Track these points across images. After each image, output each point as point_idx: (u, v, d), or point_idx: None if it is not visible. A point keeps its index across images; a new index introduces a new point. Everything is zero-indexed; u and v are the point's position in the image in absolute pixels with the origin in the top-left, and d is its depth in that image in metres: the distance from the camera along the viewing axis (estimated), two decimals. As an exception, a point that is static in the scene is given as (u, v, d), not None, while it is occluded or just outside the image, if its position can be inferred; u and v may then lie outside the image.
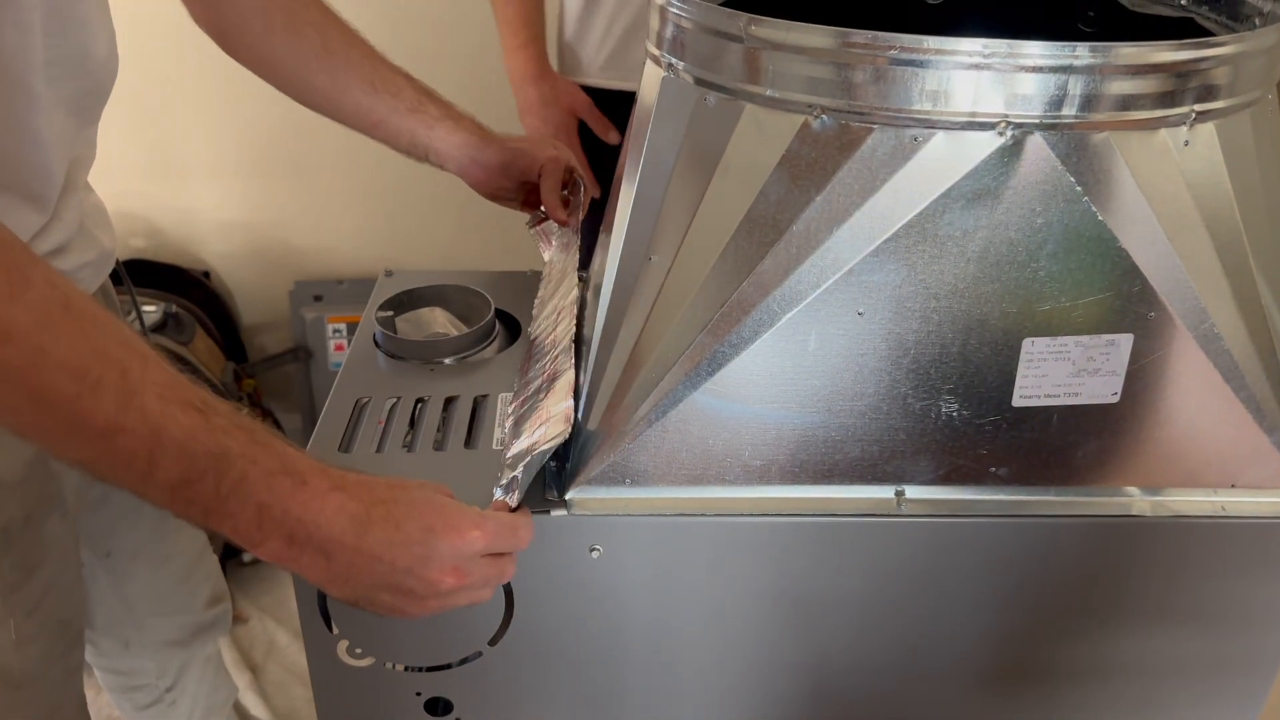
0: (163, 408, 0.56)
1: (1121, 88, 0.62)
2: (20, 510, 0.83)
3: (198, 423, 0.57)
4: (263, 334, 2.21)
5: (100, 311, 0.57)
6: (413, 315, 1.00)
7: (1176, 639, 0.80)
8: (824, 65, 0.64)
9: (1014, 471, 0.74)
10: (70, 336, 0.55)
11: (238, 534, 0.59)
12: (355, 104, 1.00)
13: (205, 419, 0.57)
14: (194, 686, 1.27)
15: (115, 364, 0.56)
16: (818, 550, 0.76)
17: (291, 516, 0.59)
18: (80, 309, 0.56)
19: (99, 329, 0.56)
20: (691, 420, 0.72)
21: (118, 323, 0.57)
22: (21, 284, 0.53)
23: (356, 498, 0.61)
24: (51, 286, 0.55)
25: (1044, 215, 0.65)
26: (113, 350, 0.56)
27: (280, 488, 0.59)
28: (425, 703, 0.82)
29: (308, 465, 0.61)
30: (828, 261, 0.67)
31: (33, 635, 0.86)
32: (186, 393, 0.58)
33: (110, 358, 0.56)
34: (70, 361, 0.54)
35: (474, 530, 0.63)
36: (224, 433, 0.58)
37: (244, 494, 0.58)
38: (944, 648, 0.80)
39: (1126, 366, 0.70)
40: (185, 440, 0.57)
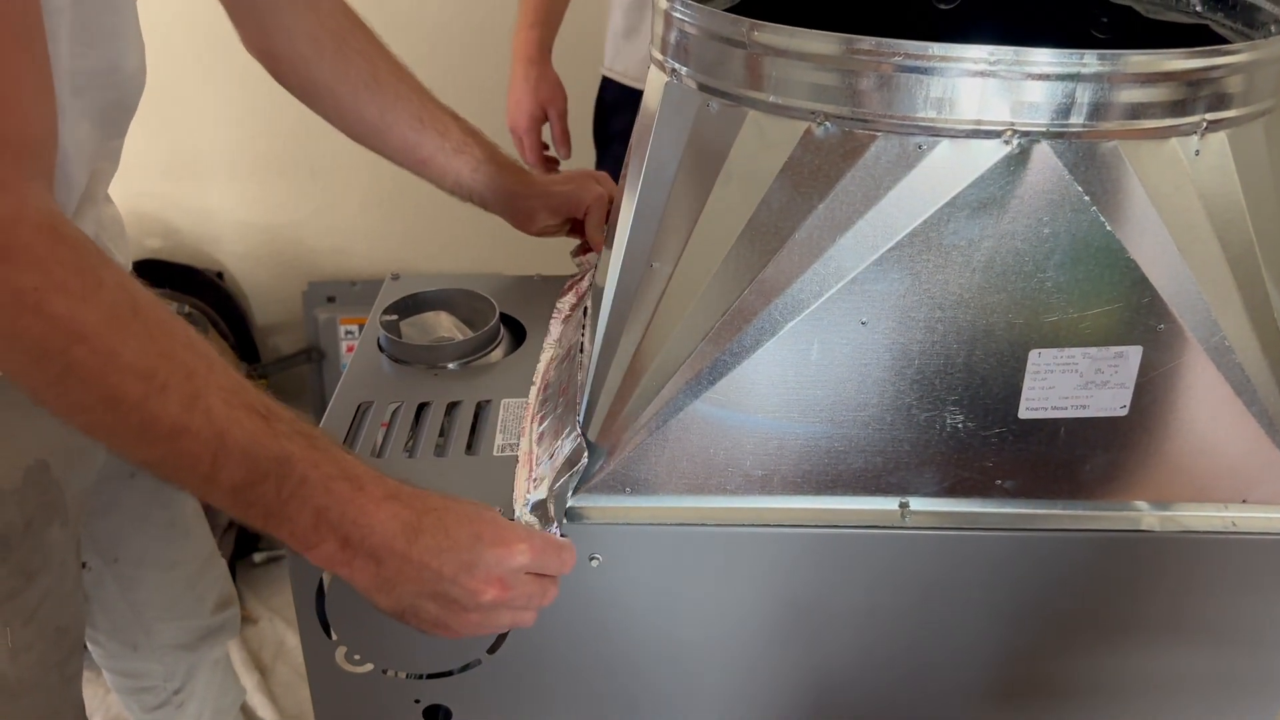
0: (227, 411, 0.58)
1: (1131, 96, 0.61)
2: (20, 517, 0.82)
3: (260, 427, 0.59)
4: (276, 335, 2.21)
5: (166, 314, 0.59)
6: (418, 319, 1.00)
7: (1185, 656, 0.78)
8: (828, 71, 0.63)
9: (1020, 484, 0.73)
10: (139, 339, 0.56)
11: (294, 537, 0.61)
12: (403, 139, 1.00)
13: (268, 424, 0.59)
14: (202, 689, 1.27)
15: (181, 367, 0.57)
16: (820, 562, 0.75)
17: (348, 520, 0.60)
18: (148, 311, 0.57)
19: (166, 332, 0.58)
20: (693, 429, 0.72)
21: (184, 325, 0.59)
22: (94, 284, 0.55)
23: (410, 506, 0.62)
24: (121, 288, 0.57)
25: (1051, 225, 0.64)
26: (179, 353, 0.58)
27: (338, 492, 0.60)
28: (424, 710, 0.82)
29: (365, 472, 0.62)
30: (830, 270, 0.66)
31: (29, 643, 0.86)
32: (249, 397, 0.59)
33: (177, 360, 0.57)
34: (139, 364, 0.56)
35: (520, 543, 0.64)
36: (285, 438, 0.59)
37: (303, 497, 0.59)
38: (948, 662, 0.79)
39: (1135, 379, 0.69)
40: (248, 444, 0.58)
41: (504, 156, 1.05)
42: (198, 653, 1.24)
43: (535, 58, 1.54)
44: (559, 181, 1.06)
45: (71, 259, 0.56)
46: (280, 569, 1.95)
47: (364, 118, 0.99)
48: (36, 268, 0.54)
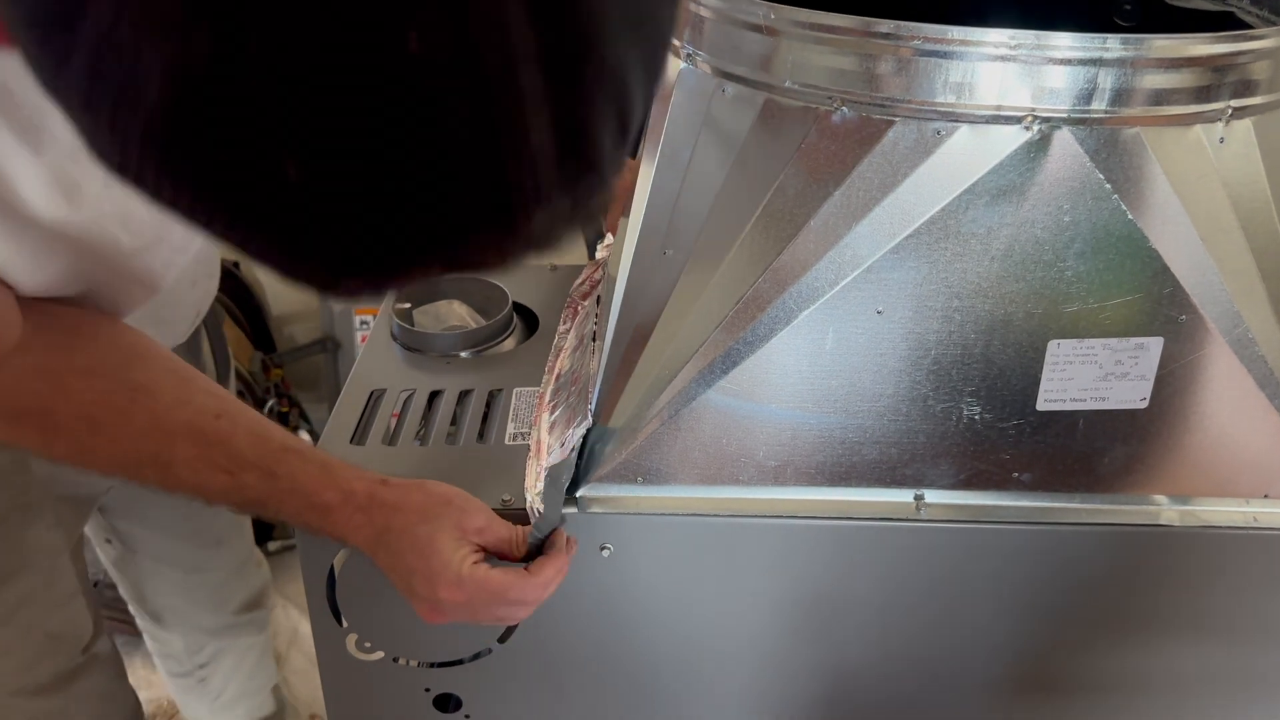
0: (195, 478, 0.66)
1: (1154, 82, 0.60)
2: None
3: (227, 483, 0.66)
4: (291, 324, 2.21)
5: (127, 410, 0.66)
6: (431, 307, 1.00)
7: (1204, 653, 0.77)
8: (845, 56, 0.62)
9: (1037, 477, 0.72)
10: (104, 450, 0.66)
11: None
12: None
13: (233, 478, 0.66)
14: (228, 669, 1.27)
15: (148, 456, 0.66)
16: (833, 554, 0.75)
17: (326, 533, 0.68)
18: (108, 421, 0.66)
19: (128, 431, 0.66)
20: (705, 419, 0.71)
21: (143, 409, 0.66)
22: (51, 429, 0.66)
23: (371, 522, 0.67)
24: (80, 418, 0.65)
25: (1071, 213, 0.63)
26: (142, 445, 0.66)
27: (311, 520, 0.68)
28: (434, 699, 0.82)
29: (332, 496, 0.67)
30: (846, 258, 0.65)
31: (9, 647, 0.85)
32: (213, 456, 0.66)
33: (143, 454, 0.66)
34: (110, 465, 0.67)
35: (445, 588, 0.67)
36: (251, 488, 0.67)
37: (287, 518, 0.68)
38: (962, 656, 0.78)
39: (1156, 371, 0.68)
40: (223, 495, 0.67)
41: None
42: (222, 639, 1.24)
43: None
44: None
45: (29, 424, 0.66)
46: (294, 558, 1.95)
47: None
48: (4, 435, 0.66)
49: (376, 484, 0.68)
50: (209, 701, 1.28)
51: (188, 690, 1.28)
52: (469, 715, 0.82)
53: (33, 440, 0.67)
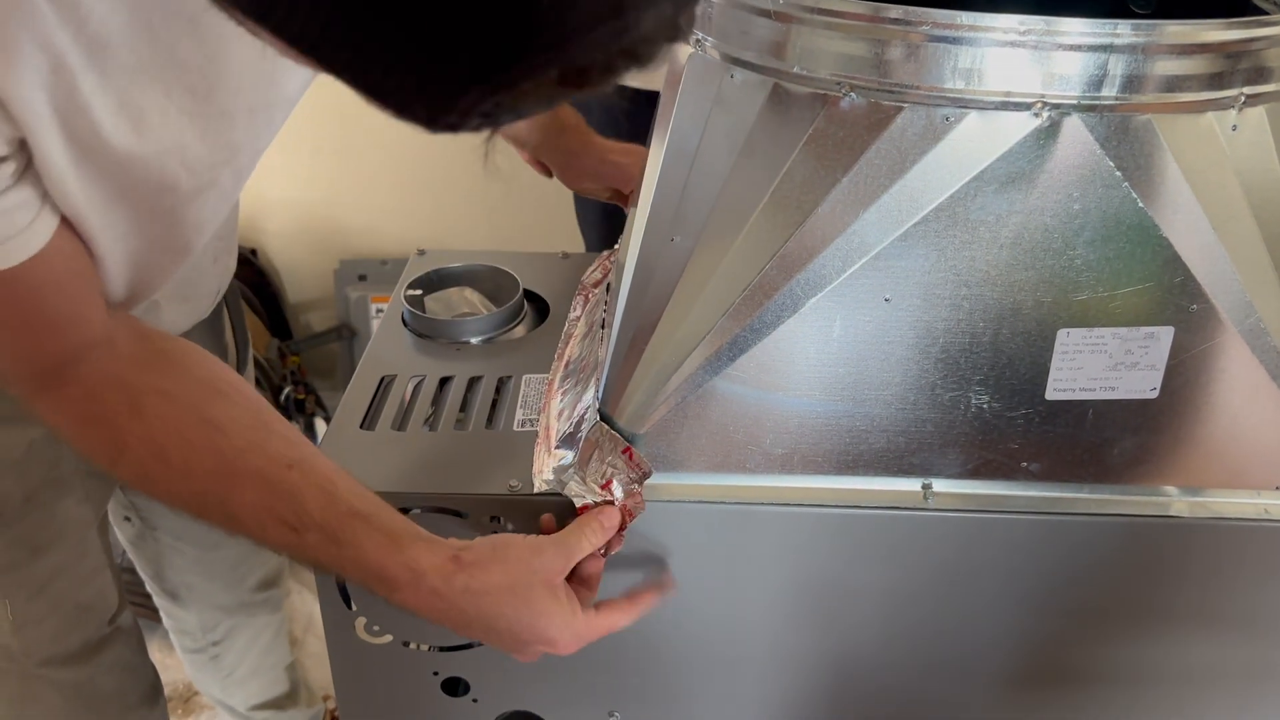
0: (259, 529, 0.66)
1: (1166, 68, 0.59)
2: (19, 490, 0.83)
3: (291, 539, 0.66)
4: (308, 312, 2.22)
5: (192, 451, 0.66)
6: (442, 294, 1.00)
7: (1213, 645, 0.77)
8: (854, 41, 0.62)
9: (1046, 467, 0.72)
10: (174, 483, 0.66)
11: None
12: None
13: (298, 536, 0.65)
14: (242, 647, 1.29)
15: (214, 497, 0.66)
16: (840, 542, 0.75)
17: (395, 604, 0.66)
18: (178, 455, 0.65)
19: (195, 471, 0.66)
20: (712, 406, 0.71)
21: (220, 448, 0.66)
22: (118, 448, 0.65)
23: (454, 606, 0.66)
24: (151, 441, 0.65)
25: (1081, 201, 0.63)
26: (211, 488, 0.66)
27: (377, 590, 0.67)
28: (442, 682, 0.82)
29: (399, 573, 0.65)
30: (854, 245, 0.65)
31: (41, 617, 0.87)
32: (280, 510, 0.65)
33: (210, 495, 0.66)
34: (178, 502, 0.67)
35: (563, 645, 0.68)
36: (314, 549, 0.66)
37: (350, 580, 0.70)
38: (970, 646, 0.78)
39: (1166, 361, 0.67)
40: (285, 549, 0.67)
41: (568, 115, 1.07)
42: (237, 617, 1.26)
43: None
44: (617, 151, 1.07)
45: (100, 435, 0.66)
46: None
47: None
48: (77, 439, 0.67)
49: (448, 562, 0.66)
50: (221, 678, 1.30)
51: (201, 666, 1.29)
52: (476, 699, 0.82)
53: (102, 451, 0.67)
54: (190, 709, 1.65)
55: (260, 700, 1.34)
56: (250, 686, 1.33)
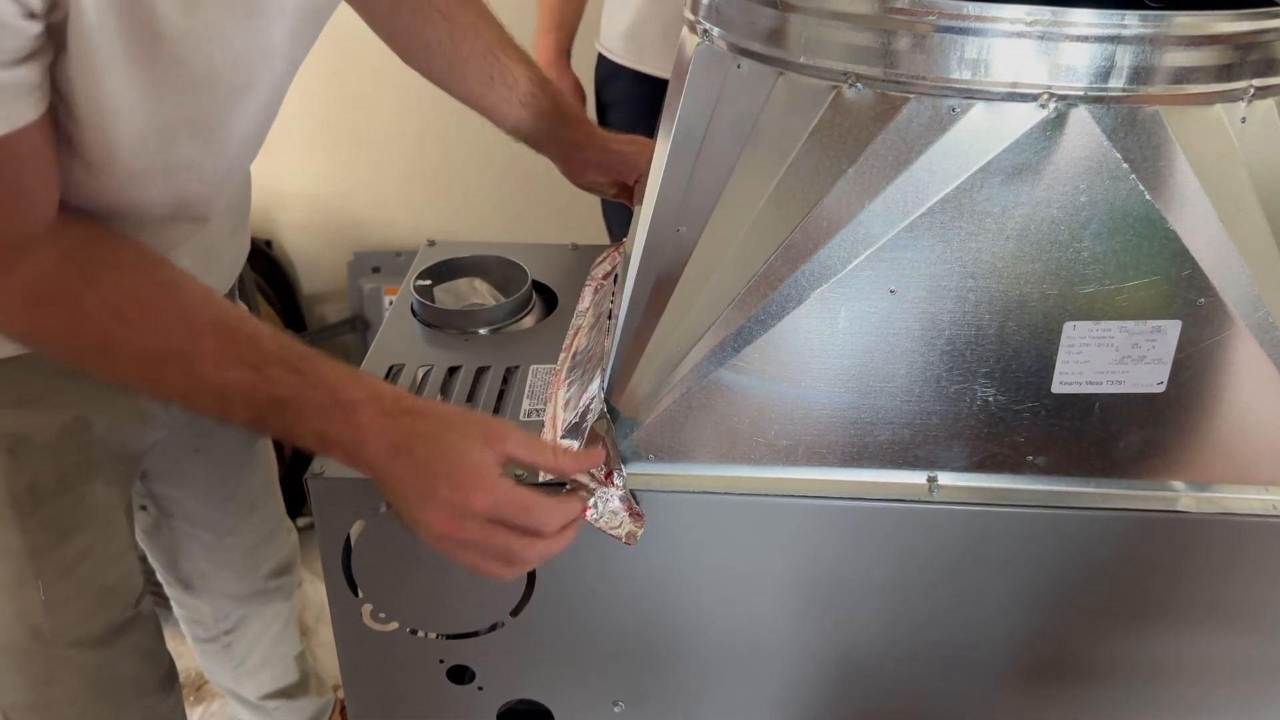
0: (219, 374, 0.67)
1: (1174, 59, 0.59)
2: (51, 471, 0.84)
3: (251, 379, 0.67)
4: (322, 303, 2.23)
5: (155, 300, 0.68)
6: (451, 285, 1.00)
7: (1220, 642, 0.76)
8: (859, 31, 0.62)
9: (1052, 461, 0.72)
10: (127, 345, 0.68)
11: (308, 447, 0.69)
12: (469, 91, 1.03)
13: (259, 373, 0.67)
14: (253, 636, 1.29)
15: (173, 351, 0.67)
16: (845, 534, 0.75)
17: (344, 438, 0.67)
18: (134, 312, 0.67)
19: (153, 324, 0.68)
20: (716, 397, 0.71)
21: (172, 304, 0.69)
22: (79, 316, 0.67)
23: (397, 425, 0.67)
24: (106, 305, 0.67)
25: (1088, 193, 0.62)
26: (166, 336, 0.68)
27: (333, 418, 0.67)
28: (448, 670, 0.82)
29: (359, 394, 0.68)
30: (859, 236, 0.65)
31: (69, 599, 0.88)
32: (240, 352, 0.67)
33: (169, 349, 0.68)
34: (133, 364, 0.68)
35: (474, 492, 0.65)
36: (276, 383, 0.67)
37: (304, 424, 0.67)
38: (974, 640, 0.78)
39: (1174, 355, 0.67)
40: (245, 395, 0.67)
41: (569, 107, 1.06)
42: (249, 606, 1.27)
43: (554, 62, 1.60)
44: (619, 141, 1.06)
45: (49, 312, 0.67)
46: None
47: (433, 69, 1.02)
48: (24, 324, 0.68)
49: (404, 392, 0.70)
50: (232, 667, 1.31)
51: (212, 656, 1.30)
52: (481, 687, 0.83)
53: (57, 327, 0.68)
54: (201, 697, 1.66)
55: (271, 689, 1.35)
56: (262, 676, 1.33)
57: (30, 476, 0.83)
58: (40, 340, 0.70)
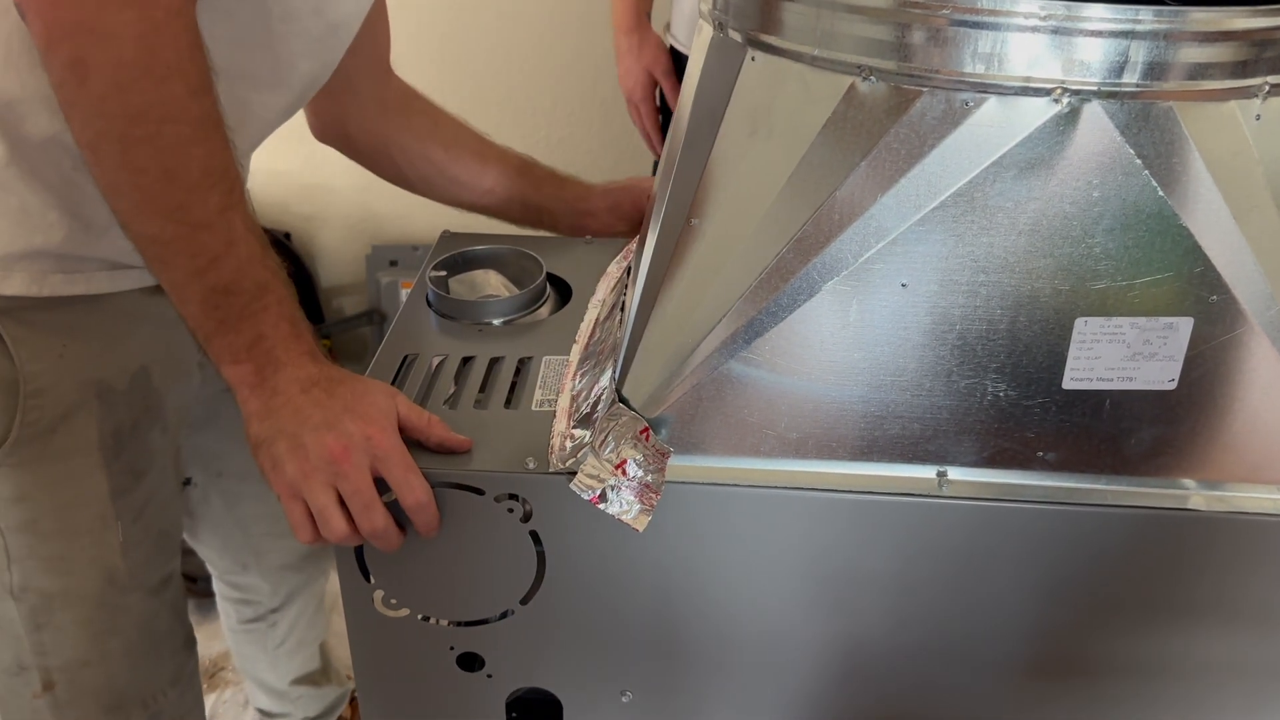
0: (244, 229, 0.72)
1: (1188, 55, 0.59)
2: (128, 417, 0.89)
3: (260, 253, 0.73)
4: (340, 296, 2.25)
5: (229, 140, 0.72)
6: (466, 276, 1.01)
7: (1230, 642, 0.76)
8: (873, 24, 0.62)
9: (1062, 457, 0.72)
10: (217, 144, 0.70)
11: (229, 349, 0.72)
12: (467, 170, 1.07)
13: (265, 253, 0.73)
14: (294, 614, 1.32)
15: (229, 180, 0.71)
16: (854, 528, 0.75)
17: (273, 354, 0.72)
18: (223, 131, 0.71)
19: (227, 150, 0.71)
20: (727, 389, 0.71)
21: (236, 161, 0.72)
22: (207, 85, 0.69)
23: (320, 368, 0.74)
24: (216, 104, 0.70)
25: (1101, 188, 0.62)
26: (231, 171, 0.71)
27: (282, 330, 0.73)
28: (458, 657, 0.83)
29: (306, 328, 0.75)
30: (871, 229, 0.65)
31: (139, 541, 0.92)
32: (259, 230, 0.74)
33: (229, 174, 0.71)
34: (207, 161, 0.70)
35: (376, 430, 0.71)
36: (269, 272, 0.73)
37: (257, 320, 0.72)
38: (982, 635, 0.78)
39: (1185, 352, 0.67)
40: (247, 259, 0.72)
41: (562, 175, 1.11)
42: (304, 573, 1.29)
43: (634, 26, 1.63)
44: (614, 183, 1.11)
45: (201, 60, 0.69)
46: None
47: (431, 158, 1.07)
48: (181, 49, 0.67)
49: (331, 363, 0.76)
50: (271, 649, 1.32)
51: (255, 638, 1.32)
52: (491, 675, 0.83)
53: (194, 78, 0.68)
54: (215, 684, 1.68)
55: (299, 674, 1.37)
56: (295, 659, 1.35)
57: (115, 421, 0.87)
58: (173, 74, 0.67)
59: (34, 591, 0.87)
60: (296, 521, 0.72)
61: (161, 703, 0.98)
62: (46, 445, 0.84)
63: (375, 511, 0.72)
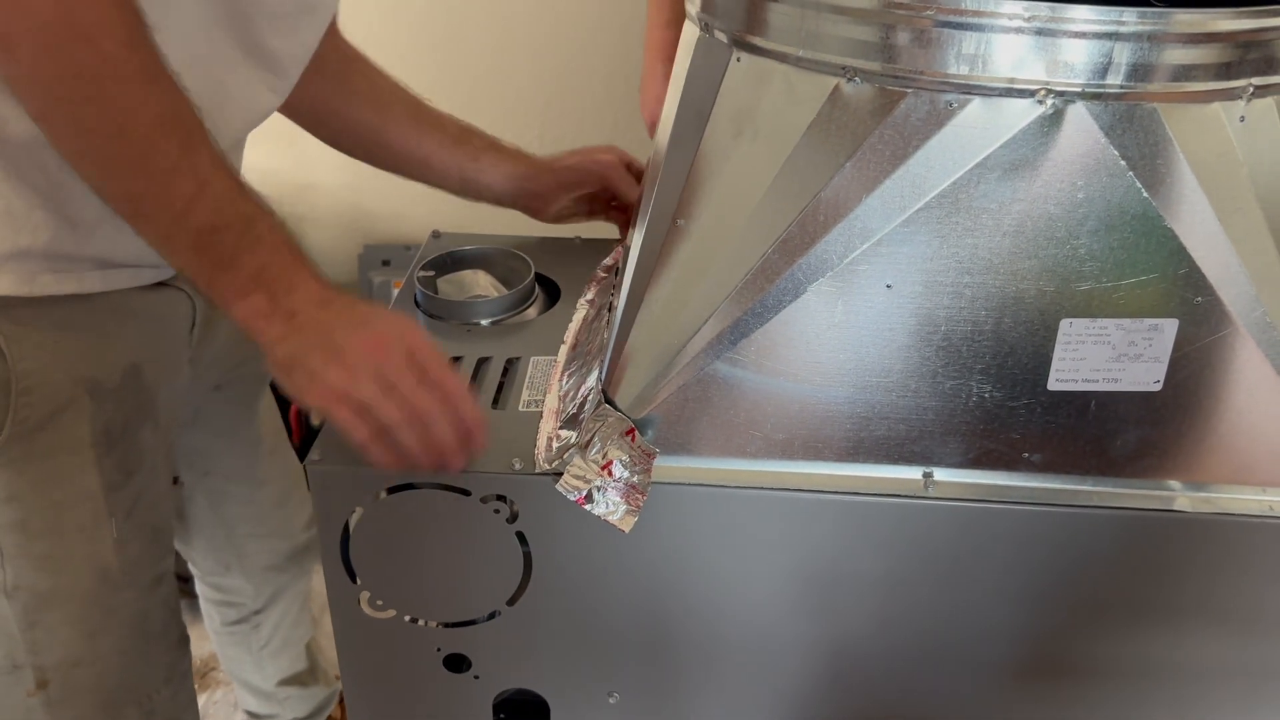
0: (211, 168, 0.70)
1: (1172, 57, 0.59)
2: (119, 414, 0.88)
3: (235, 188, 0.71)
4: (332, 296, 2.24)
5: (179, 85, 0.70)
6: (455, 276, 1.01)
7: (1216, 643, 0.76)
8: (858, 25, 0.62)
9: (1048, 458, 0.72)
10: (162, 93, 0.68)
11: (233, 287, 0.71)
12: (402, 139, 1.03)
13: (240, 188, 0.71)
14: (279, 615, 1.31)
15: (185, 124, 0.69)
16: (840, 529, 0.75)
17: (282, 280, 0.70)
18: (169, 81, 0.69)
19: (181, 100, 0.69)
20: (713, 390, 0.71)
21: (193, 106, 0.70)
22: (139, 38, 0.67)
23: (335, 291, 0.73)
24: (154, 53, 0.68)
25: (1085, 190, 0.62)
26: (185, 114, 0.70)
27: (282, 256, 0.71)
28: (445, 658, 0.83)
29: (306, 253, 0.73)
30: (856, 230, 0.65)
31: (130, 537, 0.91)
32: (229, 167, 0.71)
33: (182, 119, 0.69)
34: (156, 110, 0.68)
35: (406, 327, 0.72)
36: (253, 203, 0.71)
37: (253, 251, 0.70)
38: (968, 637, 0.78)
39: (1170, 353, 0.67)
40: (223, 195, 0.70)
41: (506, 146, 1.05)
42: (287, 574, 1.28)
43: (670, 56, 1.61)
44: (565, 157, 1.06)
45: (126, 15, 0.67)
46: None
47: (362, 120, 1.03)
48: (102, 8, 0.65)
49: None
50: (256, 650, 1.32)
51: (239, 640, 1.31)
52: (478, 676, 0.83)
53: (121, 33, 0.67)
54: (205, 685, 1.67)
55: (286, 675, 1.36)
56: (281, 660, 1.35)
57: (106, 419, 0.86)
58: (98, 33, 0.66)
59: (26, 590, 0.87)
60: (350, 424, 0.70)
61: (156, 701, 0.98)
62: (37, 443, 0.84)
63: (429, 389, 0.70)
